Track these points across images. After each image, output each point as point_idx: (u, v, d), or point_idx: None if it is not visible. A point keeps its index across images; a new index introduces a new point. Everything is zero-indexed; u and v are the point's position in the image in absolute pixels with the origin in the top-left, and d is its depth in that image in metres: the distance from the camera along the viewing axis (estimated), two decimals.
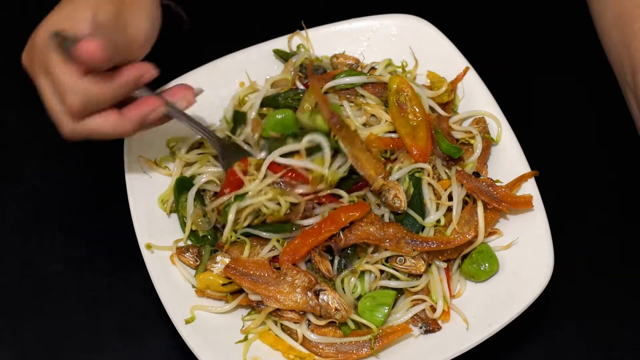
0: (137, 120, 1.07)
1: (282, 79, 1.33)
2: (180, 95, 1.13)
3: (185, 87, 1.15)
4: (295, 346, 1.14)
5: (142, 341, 1.21)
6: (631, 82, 1.18)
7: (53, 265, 1.27)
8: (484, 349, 1.12)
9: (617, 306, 1.23)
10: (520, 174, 1.23)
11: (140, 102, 1.07)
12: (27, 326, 1.22)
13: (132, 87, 1.05)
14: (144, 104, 1.07)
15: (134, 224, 1.20)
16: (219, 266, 1.17)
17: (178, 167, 1.26)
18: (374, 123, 1.27)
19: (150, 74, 1.05)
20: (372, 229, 1.16)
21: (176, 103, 1.13)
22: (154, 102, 1.08)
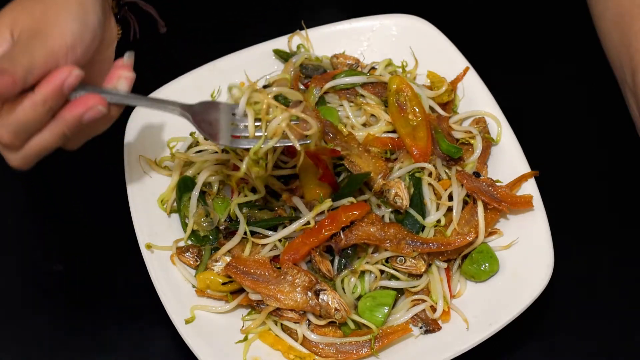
0: (72, 124, 0.98)
1: (281, 79, 1.33)
2: (115, 77, 1.02)
3: (118, 66, 1.04)
4: (295, 346, 1.14)
5: (142, 341, 1.21)
6: (631, 82, 1.18)
7: (53, 265, 1.27)
8: (484, 349, 1.12)
9: (616, 306, 1.23)
10: (520, 174, 1.23)
11: (71, 104, 0.98)
12: (27, 326, 1.22)
13: (58, 97, 0.95)
14: (76, 105, 0.97)
15: (134, 224, 1.20)
16: (219, 264, 1.17)
17: (178, 167, 1.26)
18: (373, 123, 1.28)
19: (72, 76, 0.95)
20: (373, 230, 1.16)
21: (117, 87, 1.02)
22: (86, 101, 0.98)
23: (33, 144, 0.98)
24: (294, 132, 1.08)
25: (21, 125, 0.95)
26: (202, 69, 1.34)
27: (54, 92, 0.95)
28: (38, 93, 0.94)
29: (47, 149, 1.00)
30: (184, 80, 1.33)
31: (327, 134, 1.23)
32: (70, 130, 0.98)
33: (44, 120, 0.96)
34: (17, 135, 0.96)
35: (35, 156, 1.00)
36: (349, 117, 1.28)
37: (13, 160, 1.00)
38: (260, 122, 1.08)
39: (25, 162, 1.00)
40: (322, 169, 1.17)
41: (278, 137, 1.08)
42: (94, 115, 0.98)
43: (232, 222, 1.21)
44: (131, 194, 1.22)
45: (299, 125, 1.09)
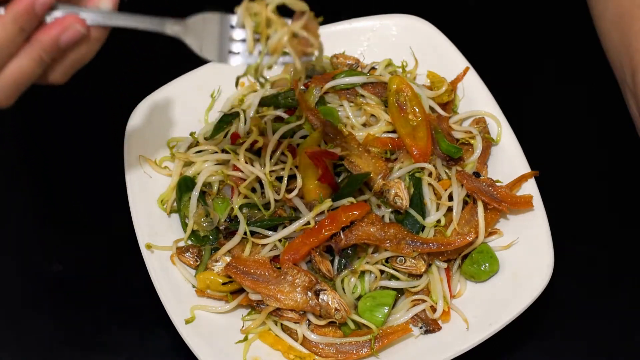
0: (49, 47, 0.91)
1: (281, 78, 1.33)
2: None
3: None
4: (295, 346, 1.14)
5: (142, 341, 1.21)
6: (630, 82, 1.18)
7: (53, 265, 1.27)
8: (484, 349, 1.12)
9: (617, 306, 1.23)
10: (520, 174, 1.23)
11: (47, 26, 0.90)
12: (27, 326, 1.22)
13: (30, 16, 0.89)
14: (51, 26, 0.90)
15: (134, 224, 1.20)
16: (219, 264, 1.17)
17: (178, 167, 1.26)
18: (373, 123, 1.28)
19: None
20: (373, 230, 1.16)
21: (99, 5, 0.94)
22: (63, 22, 0.90)
23: (9, 71, 0.91)
24: (296, 48, 0.99)
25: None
26: (202, 69, 1.34)
27: (25, 10, 0.88)
28: (8, 12, 0.88)
29: (25, 76, 0.92)
30: (184, 80, 1.33)
31: (327, 134, 1.23)
32: (48, 54, 0.91)
33: (17, 42, 0.90)
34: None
35: (13, 86, 0.92)
36: (349, 117, 1.28)
37: None
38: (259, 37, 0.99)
39: (4, 94, 0.93)
40: (322, 169, 1.17)
41: (279, 54, 0.99)
42: (72, 37, 0.91)
43: (232, 222, 1.21)
44: (131, 194, 1.22)
45: (300, 41, 1.00)
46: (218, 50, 0.99)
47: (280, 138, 1.23)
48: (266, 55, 0.98)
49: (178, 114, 1.31)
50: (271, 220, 1.18)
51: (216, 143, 1.27)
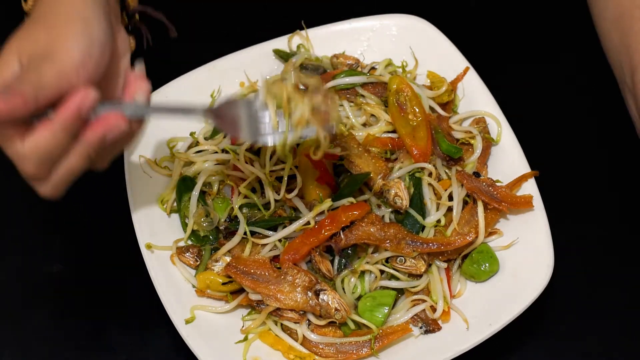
0: (96, 145, 0.96)
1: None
2: (132, 91, 1.01)
3: (132, 80, 1.02)
4: (295, 346, 1.14)
5: (142, 341, 1.21)
6: (630, 83, 1.18)
7: (53, 265, 1.27)
8: (484, 349, 1.12)
9: (617, 306, 1.23)
10: (520, 174, 1.23)
11: (92, 125, 0.95)
12: (27, 326, 1.22)
13: (77, 121, 0.94)
14: (97, 126, 0.95)
15: (134, 224, 1.20)
16: (219, 264, 1.18)
17: (178, 167, 1.26)
18: (373, 123, 1.28)
19: (88, 98, 0.93)
20: (373, 230, 1.16)
21: (136, 100, 1.00)
22: (107, 120, 0.96)
23: (60, 171, 0.96)
24: (317, 119, 1.05)
25: (44, 155, 0.94)
26: (202, 69, 1.34)
27: (72, 117, 0.93)
28: (56, 120, 0.93)
29: (74, 173, 0.98)
30: (183, 80, 1.33)
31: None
32: (95, 151, 0.97)
33: (67, 146, 0.95)
34: (42, 165, 0.95)
35: (64, 183, 0.98)
36: (349, 117, 1.28)
37: (43, 191, 0.99)
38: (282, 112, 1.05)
39: (55, 190, 0.99)
40: (320, 170, 1.17)
41: (303, 126, 1.05)
42: (116, 134, 0.96)
43: (232, 222, 1.21)
44: (131, 194, 1.22)
45: (321, 111, 1.05)
46: (247, 130, 1.05)
47: None
48: (290, 131, 1.05)
49: None
50: (271, 220, 1.18)
51: (216, 143, 1.27)
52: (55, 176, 0.97)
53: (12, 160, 0.96)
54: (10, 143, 0.94)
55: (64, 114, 0.93)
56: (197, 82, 1.33)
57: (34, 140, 0.93)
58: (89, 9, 1.00)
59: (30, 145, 0.93)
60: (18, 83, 0.92)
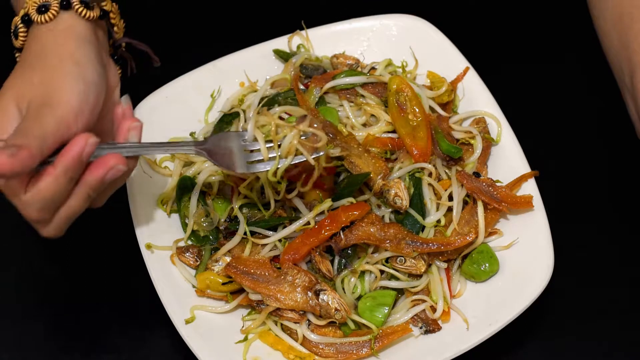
0: (95, 187, 0.99)
1: (281, 79, 1.33)
2: (124, 131, 1.03)
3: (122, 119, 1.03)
4: (295, 346, 1.14)
5: (142, 341, 1.21)
6: (629, 83, 1.18)
7: (53, 266, 1.27)
8: (484, 349, 1.12)
9: (617, 306, 1.23)
10: (520, 174, 1.23)
11: (92, 167, 0.98)
12: (27, 327, 1.22)
13: (78, 167, 0.97)
14: (97, 168, 0.98)
15: (134, 224, 1.20)
16: (219, 265, 1.18)
17: (177, 167, 1.26)
18: (373, 123, 1.28)
19: (89, 145, 0.96)
20: (373, 230, 1.16)
21: (129, 140, 1.03)
22: (106, 162, 0.98)
23: (62, 213, 1.00)
24: (305, 147, 1.10)
25: (47, 201, 0.97)
26: (202, 69, 1.34)
27: (73, 163, 0.95)
28: (58, 167, 0.95)
29: (75, 213, 1.01)
30: (184, 80, 1.33)
31: (327, 134, 1.23)
32: (95, 191, 1.00)
33: (68, 190, 0.98)
34: (45, 210, 0.98)
35: (65, 223, 1.02)
36: (349, 117, 1.28)
37: (46, 232, 1.02)
38: (271, 144, 1.10)
39: (57, 231, 1.02)
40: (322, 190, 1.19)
41: (292, 154, 1.10)
42: (115, 175, 0.99)
43: (232, 222, 1.21)
44: (131, 194, 1.22)
45: (309, 139, 1.10)
46: (239, 162, 1.10)
47: None
48: (281, 160, 1.10)
49: (178, 114, 1.31)
50: (271, 221, 1.18)
51: None
52: (57, 219, 1.00)
53: (15, 206, 0.99)
54: (13, 191, 0.97)
55: (66, 161, 0.95)
56: (197, 82, 1.33)
57: (37, 188, 0.95)
58: (80, 50, 1.02)
59: (33, 193, 0.96)
60: (21, 136, 0.94)
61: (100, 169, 0.98)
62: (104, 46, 1.10)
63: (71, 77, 0.99)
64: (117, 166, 0.98)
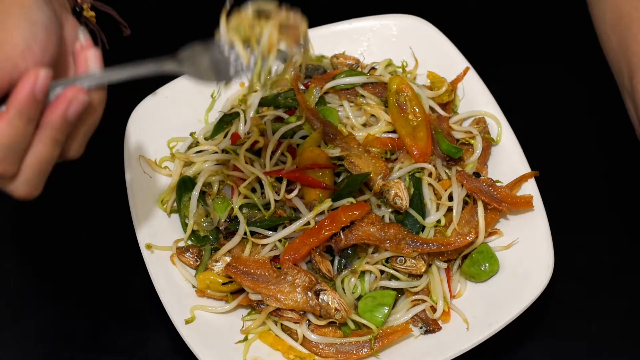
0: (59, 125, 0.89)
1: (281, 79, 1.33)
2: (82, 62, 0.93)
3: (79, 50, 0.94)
4: (295, 346, 1.14)
5: (142, 341, 1.21)
6: (628, 85, 1.17)
7: (53, 265, 1.27)
8: (484, 349, 1.12)
9: (617, 306, 1.23)
10: (520, 174, 1.23)
11: (51, 105, 0.89)
12: (27, 326, 1.22)
13: (33, 104, 0.87)
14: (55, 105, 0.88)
15: (134, 224, 1.20)
16: (219, 265, 1.18)
17: (178, 167, 1.26)
18: (373, 123, 1.28)
19: (40, 78, 0.87)
20: (373, 230, 1.16)
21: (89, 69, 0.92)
22: (64, 96, 0.88)
23: (29, 163, 0.89)
24: (288, 37, 0.98)
25: (5, 148, 0.86)
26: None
27: (26, 100, 0.86)
28: (11, 107, 0.86)
29: (45, 164, 0.91)
30: (184, 80, 1.33)
31: (327, 134, 1.23)
32: (61, 132, 0.89)
33: (28, 133, 0.88)
34: (6, 160, 0.87)
35: (37, 177, 0.91)
36: (349, 117, 1.28)
37: (17, 190, 0.91)
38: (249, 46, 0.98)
39: (30, 187, 0.91)
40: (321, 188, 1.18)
41: (274, 50, 0.98)
42: (77, 108, 0.89)
43: (232, 222, 1.21)
44: (131, 194, 1.22)
45: (289, 31, 0.98)
46: (216, 73, 0.98)
47: (281, 138, 1.23)
48: (263, 60, 0.98)
49: (178, 114, 1.31)
50: (271, 221, 1.18)
51: (216, 143, 1.27)
52: (25, 171, 0.90)
53: None
54: None
55: (17, 99, 0.86)
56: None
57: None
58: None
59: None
60: None
61: (60, 105, 0.88)
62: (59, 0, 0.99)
63: (15, 16, 0.90)
64: (77, 97, 0.88)
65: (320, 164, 1.19)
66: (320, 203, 1.17)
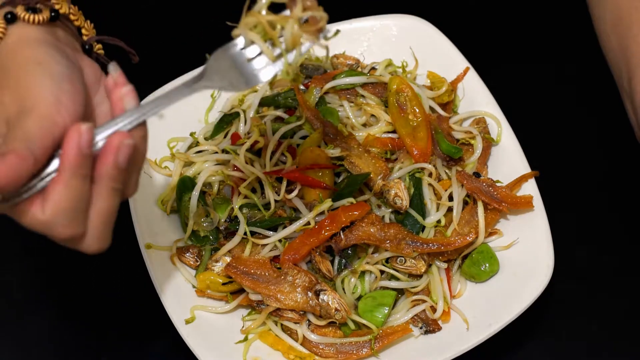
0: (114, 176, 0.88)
1: (281, 79, 1.33)
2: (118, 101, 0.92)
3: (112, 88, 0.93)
4: (295, 346, 1.14)
5: (142, 341, 1.21)
6: (627, 87, 1.17)
7: (53, 265, 1.27)
8: (484, 349, 1.12)
9: (617, 306, 1.23)
10: (520, 174, 1.23)
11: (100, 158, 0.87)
12: (27, 326, 1.22)
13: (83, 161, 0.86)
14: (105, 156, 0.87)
15: (134, 224, 1.20)
16: (219, 265, 1.18)
17: (178, 167, 1.26)
18: (374, 123, 1.28)
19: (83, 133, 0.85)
20: (373, 230, 1.16)
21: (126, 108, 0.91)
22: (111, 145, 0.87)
23: (93, 219, 0.88)
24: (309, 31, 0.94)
25: (68, 211, 0.86)
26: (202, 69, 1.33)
27: (76, 158, 0.85)
28: (63, 169, 0.85)
29: (109, 214, 0.89)
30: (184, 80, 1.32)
31: (327, 134, 1.23)
32: (117, 181, 0.88)
33: (86, 190, 0.87)
34: (72, 223, 0.87)
35: (105, 230, 0.90)
36: (349, 117, 1.28)
37: (88, 247, 0.91)
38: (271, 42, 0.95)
39: (100, 241, 0.91)
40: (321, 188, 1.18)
41: (298, 45, 0.94)
42: (126, 153, 0.87)
43: (232, 222, 1.21)
44: None
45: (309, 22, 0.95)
46: (244, 77, 0.95)
47: (281, 138, 1.23)
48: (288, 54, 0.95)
49: (178, 114, 1.31)
50: (271, 221, 1.18)
51: (216, 143, 1.27)
52: (92, 228, 0.89)
53: (43, 233, 0.88)
54: (30, 216, 0.87)
55: (67, 159, 0.85)
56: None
57: (51, 201, 0.85)
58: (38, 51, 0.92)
59: (50, 208, 0.85)
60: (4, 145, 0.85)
61: (109, 155, 0.86)
62: (69, 44, 0.99)
63: (36, 75, 0.89)
64: (123, 143, 0.87)
65: (320, 164, 1.19)
66: (320, 203, 1.17)
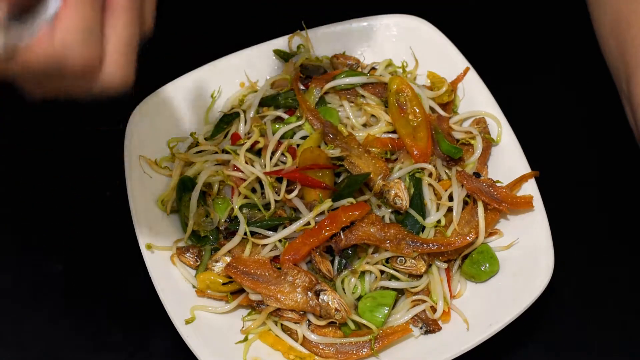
0: None
1: (282, 79, 1.33)
2: None
3: None
4: (295, 346, 1.14)
5: (142, 341, 1.21)
6: (626, 89, 1.17)
7: (53, 266, 1.27)
8: (484, 349, 1.12)
9: (617, 306, 1.23)
10: (520, 175, 1.23)
11: None
12: (27, 326, 1.22)
13: None
14: None
15: (134, 224, 1.20)
16: (219, 265, 1.18)
17: (178, 167, 1.26)
18: (374, 123, 1.28)
19: None
20: (373, 230, 1.16)
21: None
22: None
23: (112, 42, 0.82)
24: None
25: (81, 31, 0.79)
26: (202, 69, 1.34)
27: None
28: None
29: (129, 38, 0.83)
30: (184, 80, 1.33)
31: (327, 134, 1.23)
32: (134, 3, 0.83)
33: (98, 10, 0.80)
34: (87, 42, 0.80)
35: (124, 53, 0.83)
36: (349, 117, 1.28)
37: (111, 78, 0.84)
38: None
39: (122, 67, 0.83)
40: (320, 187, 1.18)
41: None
42: None
43: (232, 222, 1.21)
44: (131, 194, 1.22)
45: None
46: None
47: (281, 138, 1.24)
48: None
49: (178, 114, 1.31)
50: (271, 221, 1.18)
51: (216, 143, 1.27)
52: (111, 53, 0.82)
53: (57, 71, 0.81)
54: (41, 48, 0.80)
55: None
56: (197, 82, 1.33)
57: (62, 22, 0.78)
58: None
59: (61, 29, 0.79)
60: None
61: None
62: None
63: None
64: None
65: (320, 164, 1.19)
66: (321, 203, 1.17)
